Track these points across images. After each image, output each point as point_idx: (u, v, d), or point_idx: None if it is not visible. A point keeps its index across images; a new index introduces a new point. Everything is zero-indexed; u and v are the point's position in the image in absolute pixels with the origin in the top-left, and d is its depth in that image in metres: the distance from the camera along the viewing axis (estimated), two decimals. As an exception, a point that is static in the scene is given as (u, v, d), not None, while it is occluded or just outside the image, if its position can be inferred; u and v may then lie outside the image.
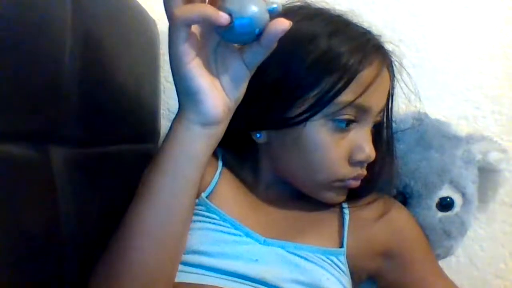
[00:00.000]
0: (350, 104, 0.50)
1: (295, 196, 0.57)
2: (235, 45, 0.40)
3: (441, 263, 0.63)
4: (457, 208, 0.65)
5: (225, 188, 0.56)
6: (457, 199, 0.65)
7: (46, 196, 0.40)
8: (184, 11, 0.36)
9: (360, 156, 0.52)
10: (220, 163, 0.58)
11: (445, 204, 0.65)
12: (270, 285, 0.50)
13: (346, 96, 0.50)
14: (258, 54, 0.39)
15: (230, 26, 0.36)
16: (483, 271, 0.77)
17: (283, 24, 0.37)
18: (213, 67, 0.40)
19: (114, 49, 0.55)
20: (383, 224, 0.57)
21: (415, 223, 0.62)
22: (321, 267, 0.52)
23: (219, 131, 0.42)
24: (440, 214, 0.65)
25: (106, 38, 0.52)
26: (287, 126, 0.51)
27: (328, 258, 0.53)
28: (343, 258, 0.55)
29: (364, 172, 0.55)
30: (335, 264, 0.54)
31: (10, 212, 0.35)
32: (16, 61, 0.36)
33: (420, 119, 0.67)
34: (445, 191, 0.65)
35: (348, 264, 0.55)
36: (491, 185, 0.69)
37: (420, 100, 0.63)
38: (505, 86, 0.75)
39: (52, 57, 0.41)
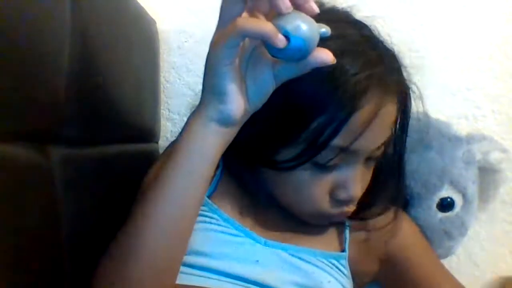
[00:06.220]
0: (339, 149, 0.46)
1: None
2: (270, 56, 0.39)
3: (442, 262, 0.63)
4: (457, 208, 0.65)
5: (226, 188, 0.56)
6: (458, 200, 0.65)
7: (46, 196, 0.40)
8: (246, 23, 0.35)
9: (342, 196, 0.49)
10: (220, 164, 0.58)
11: (446, 205, 0.65)
12: (271, 287, 0.50)
13: (335, 141, 0.46)
14: (290, 72, 0.39)
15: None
16: (484, 270, 0.77)
17: (328, 58, 0.37)
18: (243, 72, 0.40)
19: (113, 49, 0.55)
20: (382, 230, 0.56)
21: (415, 227, 0.62)
22: (323, 270, 0.52)
23: (232, 132, 0.42)
24: (441, 214, 0.65)
25: (105, 38, 0.52)
26: (276, 169, 0.49)
27: (329, 262, 0.53)
28: (344, 262, 0.55)
29: (350, 209, 0.52)
30: (337, 267, 0.54)
31: (10, 212, 0.35)
32: (15, 61, 0.35)
33: (420, 119, 0.67)
34: (446, 192, 0.65)
35: (350, 268, 0.55)
36: (492, 184, 0.69)
37: (420, 99, 0.63)
38: (505, 85, 0.75)
39: (51, 57, 0.41)
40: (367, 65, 0.45)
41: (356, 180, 0.49)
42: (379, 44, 0.49)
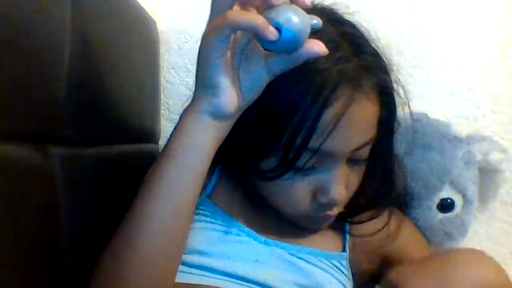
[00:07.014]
0: (312, 151, 0.44)
1: None
2: (263, 50, 0.39)
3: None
4: (457, 209, 0.65)
5: (225, 187, 0.56)
6: (458, 200, 0.65)
7: (46, 196, 0.40)
8: (237, 16, 0.35)
9: (323, 199, 0.48)
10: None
11: (446, 205, 0.65)
12: (271, 287, 0.49)
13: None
14: (283, 65, 0.39)
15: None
16: (484, 270, 0.77)
17: (320, 49, 0.37)
18: (237, 66, 0.40)
19: (114, 49, 0.55)
20: (382, 231, 0.56)
21: (413, 227, 0.62)
22: (324, 270, 0.52)
23: (226, 126, 0.42)
24: (441, 215, 0.65)
25: (106, 38, 0.52)
26: (262, 179, 0.48)
27: (330, 262, 0.53)
28: (345, 263, 0.55)
29: (334, 212, 0.50)
30: (338, 268, 0.53)
31: (10, 212, 0.35)
32: (15, 61, 0.35)
33: (420, 120, 0.67)
34: (446, 192, 0.65)
35: (350, 268, 0.55)
36: (492, 185, 0.69)
37: (419, 99, 0.63)
38: (505, 85, 0.75)
39: (52, 57, 0.41)
40: (339, 61, 0.44)
41: (336, 183, 0.47)
42: (361, 42, 0.48)
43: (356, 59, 0.45)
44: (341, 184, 0.48)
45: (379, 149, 0.51)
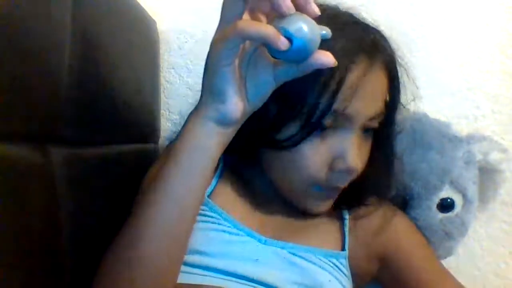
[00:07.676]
0: (335, 113, 0.47)
1: None
2: (271, 57, 0.39)
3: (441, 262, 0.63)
4: (457, 208, 0.65)
5: (226, 187, 0.56)
6: (458, 200, 0.65)
7: (46, 196, 0.40)
8: (247, 26, 0.35)
9: (340, 166, 0.49)
10: (220, 162, 0.58)
11: (446, 205, 0.64)
12: (271, 286, 0.49)
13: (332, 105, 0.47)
14: (291, 73, 0.39)
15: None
16: (484, 270, 0.77)
17: (329, 60, 0.37)
18: (244, 72, 0.40)
19: (114, 49, 0.55)
20: (381, 230, 0.56)
21: (415, 229, 0.62)
22: (323, 269, 0.52)
23: (231, 131, 0.42)
24: (441, 215, 0.65)
25: (106, 38, 0.52)
26: (280, 148, 0.49)
27: (329, 261, 0.53)
28: (344, 261, 0.55)
29: (342, 185, 0.51)
30: (337, 266, 0.53)
31: (10, 212, 0.35)
32: (15, 61, 0.36)
33: (420, 119, 0.67)
34: (446, 192, 0.64)
35: (349, 267, 0.55)
36: (492, 185, 0.69)
37: (419, 99, 0.63)
38: (505, 85, 0.76)
39: (52, 57, 0.41)
40: (355, 38, 0.47)
41: (353, 150, 0.49)
42: (370, 27, 0.51)
43: (368, 37, 0.49)
44: (356, 152, 0.49)
45: (381, 135, 0.53)
